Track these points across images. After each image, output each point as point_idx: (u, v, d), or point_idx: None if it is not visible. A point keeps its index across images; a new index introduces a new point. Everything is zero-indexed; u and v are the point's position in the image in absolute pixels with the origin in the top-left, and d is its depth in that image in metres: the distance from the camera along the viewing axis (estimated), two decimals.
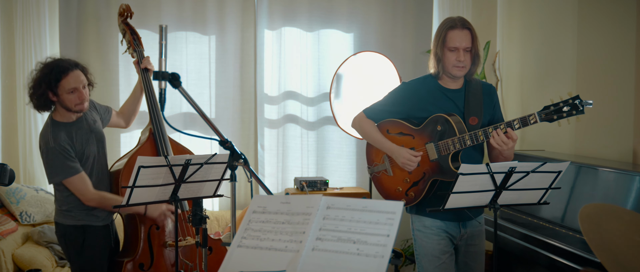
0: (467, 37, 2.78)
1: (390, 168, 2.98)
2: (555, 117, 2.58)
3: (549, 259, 3.29)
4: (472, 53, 2.81)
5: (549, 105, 2.59)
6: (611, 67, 3.92)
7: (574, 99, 2.54)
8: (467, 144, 2.72)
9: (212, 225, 4.57)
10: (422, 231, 2.91)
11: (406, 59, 5.10)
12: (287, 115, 4.98)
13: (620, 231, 1.90)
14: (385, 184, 3.03)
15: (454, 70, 2.81)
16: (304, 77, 4.98)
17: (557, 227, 3.46)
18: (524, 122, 2.62)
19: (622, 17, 3.83)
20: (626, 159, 3.82)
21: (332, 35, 5.02)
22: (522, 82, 4.79)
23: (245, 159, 2.28)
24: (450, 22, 2.81)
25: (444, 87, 2.90)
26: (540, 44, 4.57)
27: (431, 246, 2.88)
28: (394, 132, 2.95)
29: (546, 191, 2.65)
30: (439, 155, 2.81)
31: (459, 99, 2.88)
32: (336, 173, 5.06)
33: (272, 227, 1.86)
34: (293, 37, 4.95)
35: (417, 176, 2.89)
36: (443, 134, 2.79)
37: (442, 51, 2.81)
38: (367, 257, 1.67)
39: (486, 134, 2.68)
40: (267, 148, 4.95)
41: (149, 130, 3.45)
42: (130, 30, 3.54)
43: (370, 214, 1.75)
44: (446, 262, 2.88)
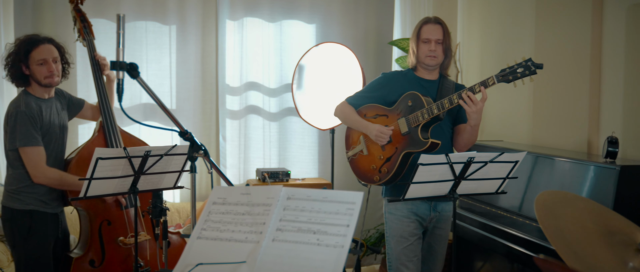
0: (438, 30, 3.08)
1: (366, 147, 3.18)
2: (511, 77, 2.81)
3: (506, 247, 3.36)
4: (443, 46, 3.09)
5: (505, 68, 2.83)
6: (567, 60, 4.00)
7: (527, 61, 2.80)
8: (434, 112, 2.92)
9: (173, 217, 4.53)
10: (393, 214, 3.11)
11: (368, 51, 5.13)
12: (249, 106, 4.95)
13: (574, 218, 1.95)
14: (362, 164, 3.20)
15: (426, 59, 3.08)
16: (266, 68, 4.96)
17: (514, 216, 3.53)
18: (484, 84, 2.85)
19: (578, 12, 3.91)
20: (581, 148, 3.91)
21: (294, 26, 5.01)
22: (481, 74, 4.86)
23: (205, 150, 2.26)
24: (425, 19, 3.15)
25: (419, 78, 3.15)
26: (499, 36, 4.64)
27: (401, 227, 3.08)
28: (371, 116, 3.17)
29: (504, 180, 2.71)
30: (409, 127, 3.00)
31: (432, 88, 3.13)
32: (298, 164, 5.06)
33: (232, 219, 1.85)
34: (255, 27, 4.92)
35: (390, 151, 3.06)
36: (413, 108, 3.00)
37: (417, 44, 3.11)
38: (327, 247, 1.67)
39: (451, 100, 2.88)
40: (229, 139, 4.92)
41: (99, 123, 3.39)
42: (81, 18, 3.47)
43: (330, 205, 1.75)
44: (413, 244, 3.08)
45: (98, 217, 3.25)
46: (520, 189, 3.59)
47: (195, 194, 2.30)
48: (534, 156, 3.58)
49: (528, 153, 3.54)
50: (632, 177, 3.01)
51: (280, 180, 4.64)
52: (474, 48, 4.98)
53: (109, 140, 3.34)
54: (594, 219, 2.01)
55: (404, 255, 3.06)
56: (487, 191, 2.77)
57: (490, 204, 3.80)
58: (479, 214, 3.68)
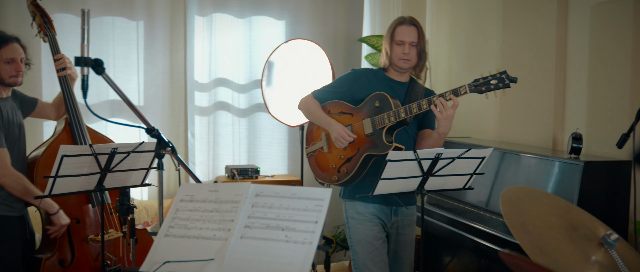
0: (413, 32, 2.94)
1: (327, 144, 3.07)
2: (484, 88, 2.71)
3: (473, 243, 3.40)
4: (418, 49, 2.96)
5: (478, 78, 2.73)
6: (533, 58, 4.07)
7: (501, 74, 2.70)
8: (401, 116, 2.81)
9: (141, 215, 4.48)
10: (356, 218, 2.99)
11: (338, 48, 5.13)
12: (218, 102, 4.92)
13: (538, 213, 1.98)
14: (321, 162, 3.11)
15: (399, 62, 2.95)
16: (235, 64, 4.93)
17: (481, 211, 3.57)
18: (455, 93, 2.74)
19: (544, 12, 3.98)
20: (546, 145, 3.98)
21: (263, 22, 4.99)
22: (450, 70, 4.91)
23: (172, 147, 2.24)
24: (400, 19, 3.00)
25: (390, 78, 3.03)
26: (467, 33, 4.69)
27: (365, 232, 2.96)
28: (335, 112, 3.05)
29: (471, 176, 2.74)
30: (374, 129, 2.89)
31: (402, 90, 3.02)
32: (268, 161, 5.05)
33: (200, 216, 1.84)
34: (224, 23, 4.89)
35: (351, 151, 2.97)
36: (380, 110, 2.89)
37: (390, 45, 2.97)
38: (295, 244, 1.67)
39: (419, 105, 2.76)
40: (198, 136, 4.88)
41: (65, 120, 3.33)
42: (40, 13, 3.40)
43: (299, 201, 1.75)
44: (379, 248, 2.96)
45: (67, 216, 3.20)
46: (487, 184, 3.64)
47: (162, 192, 2.29)
48: (501, 152, 3.63)
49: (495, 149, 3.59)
50: (596, 172, 3.07)
51: (249, 177, 4.62)
52: (442, 46, 5.03)
53: (77, 137, 3.29)
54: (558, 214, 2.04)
55: (370, 260, 2.95)
56: (454, 187, 2.79)
57: (458, 200, 3.85)
58: (447, 210, 3.72)
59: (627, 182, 3.13)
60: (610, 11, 3.49)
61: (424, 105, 2.76)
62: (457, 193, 3.86)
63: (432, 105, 2.74)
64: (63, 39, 4.45)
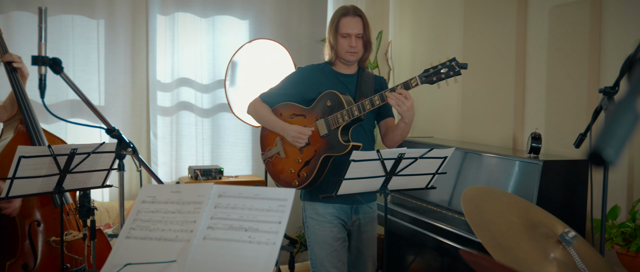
0: (358, 24, 2.88)
1: (282, 150, 3.00)
2: (435, 78, 2.66)
3: (436, 241, 3.44)
4: (364, 40, 2.91)
5: (428, 68, 2.68)
6: (494, 59, 4.13)
7: (451, 61, 2.65)
8: (354, 114, 2.77)
9: (103, 217, 4.41)
10: (315, 219, 2.95)
11: (301, 47, 5.13)
12: (181, 102, 4.87)
13: (499, 212, 2.01)
14: (278, 167, 3.03)
15: (346, 55, 2.90)
16: (198, 64, 4.89)
17: (444, 210, 3.61)
18: (406, 85, 2.70)
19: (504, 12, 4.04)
20: (507, 144, 4.05)
21: (227, 22, 4.96)
22: (412, 71, 4.95)
23: (134, 147, 2.21)
24: (343, 10, 2.92)
25: (337, 72, 2.99)
26: (430, 34, 4.74)
27: (324, 233, 2.92)
28: (287, 115, 2.98)
29: (433, 175, 2.76)
30: (329, 130, 2.84)
31: (351, 83, 2.97)
32: (232, 161, 5.02)
33: (162, 217, 1.81)
34: (187, 22, 4.84)
35: (309, 154, 2.91)
36: (332, 109, 2.84)
37: (335, 38, 2.91)
38: (258, 244, 1.66)
39: (372, 102, 2.72)
40: (160, 136, 4.82)
41: (19, 120, 3.22)
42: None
43: (262, 202, 1.74)
44: (338, 249, 2.92)
45: (27, 220, 3.13)
46: (450, 184, 3.68)
47: (123, 193, 2.25)
48: (463, 152, 3.68)
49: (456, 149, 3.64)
50: (554, 171, 3.14)
51: (213, 177, 4.59)
52: (405, 45, 5.07)
53: (33, 138, 3.21)
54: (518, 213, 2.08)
55: (328, 261, 2.91)
56: (417, 186, 2.81)
57: (421, 199, 3.88)
58: (410, 209, 3.75)
59: (584, 181, 3.20)
60: (568, 13, 3.57)
61: (377, 101, 2.72)
62: (420, 192, 3.90)
63: (390, 101, 2.69)
64: (20, 37, 4.36)
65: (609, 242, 2.86)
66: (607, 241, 2.87)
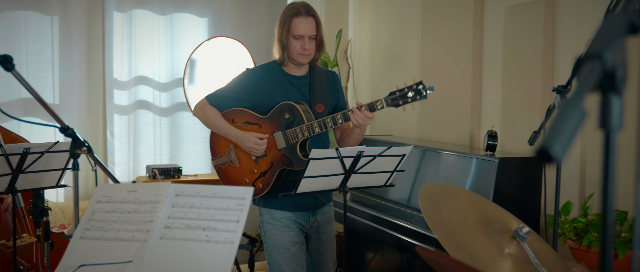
0: (312, 24, 2.76)
1: (236, 159, 2.88)
2: (401, 102, 2.62)
3: (395, 238, 3.47)
4: (317, 40, 2.79)
5: (394, 91, 2.63)
6: (451, 59, 4.19)
7: (417, 85, 2.61)
8: (315, 131, 2.70)
9: (57, 217, 4.31)
10: (272, 224, 2.87)
11: (261, 46, 5.11)
12: (138, 101, 4.80)
13: (455, 209, 2.04)
14: (232, 176, 2.92)
15: (299, 57, 2.78)
16: (156, 62, 4.82)
17: (403, 207, 3.65)
18: (371, 107, 2.65)
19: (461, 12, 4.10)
20: (464, 142, 4.11)
21: (185, 20, 4.91)
22: (372, 69, 4.98)
23: (89, 146, 2.17)
24: (294, 9, 2.77)
25: (289, 74, 2.86)
26: (389, 33, 4.78)
27: (281, 238, 2.84)
28: (240, 122, 2.85)
29: (392, 173, 2.79)
30: (287, 144, 2.76)
31: (304, 86, 2.87)
32: (191, 160, 4.97)
33: (117, 217, 1.78)
34: (144, 20, 4.77)
35: (265, 166, 2.82)
36: (291, 122, 2.76)
37: (287, 39, 2.76)
38: (216, 243, 1.65)
39: (334, 120, 2.67)
40: (117, 135, 4.74)
41: None
42: None
43: (220, 201, 1.73)
44: (296, 253, 2.86)
45: None
46: (409, 181, 3.72)
47: (77, 193, 2.21)
48: (421, 150, 3.72)
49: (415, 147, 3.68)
50: (510, 168, 3.20)
51: (171, 176, 4.54)
52: (364, 44, 5.10)
53: None
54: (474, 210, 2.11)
55: (287, 266, 2.83)
56: (376, 184, 2.83)
57: (381, 197, 3.91)
58: (370, 207, 3.78)
59: (539, 178, 3.28)
60: (523, 13, 3.64)
61: (340, 120, 2.66)
62: (379, 190, 3.93)
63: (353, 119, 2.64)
64: None
65: (562, 237, 2.93)
66: (560, 236, 2.94)
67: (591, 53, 0.80)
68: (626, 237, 2.75)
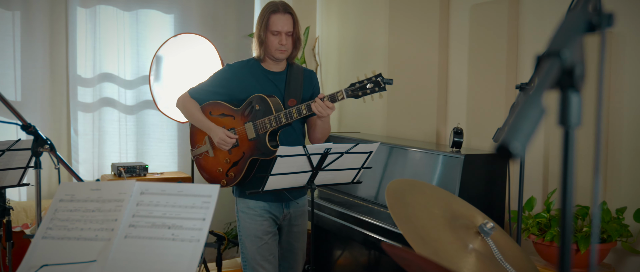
0: (289, 21, 2.87)
1: (211, 149, 3.02)
2: (360, 93, 2.70)
3: (363, 235, 3.49)
4: (293, 37, 2.91)
5: (354, 83, 2.72)
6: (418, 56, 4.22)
7: (377, 77, 2.68)
8: (282, 121, 2.79)
9: (20, 217, 4.23)
10: (246, 213, 2.96)
11: (228, 42, 5.08)
12: (103, 98, 4.73)
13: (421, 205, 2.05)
14: (207, 166, 3.05)
15: (276, 53, 2.89)
16: (121, 58, 4.75)
17: (371, 204, 3.67)
18: (332, 98, 2.73)
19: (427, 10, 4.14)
20: (431, 139, 4.15)
21: (151, 16, 4.85)
22: (339, 67, 5.00)
23: (51, 144, 2.13)
24: (272, 7, 2.89)
25: (266, 70, 2.97)
26: (356, 30, 4.79)
27: (254, 227, 2.94)
28: (216, 114, 2.98)
29: (359, 170, 2.80)
30: (256, 134, 2.86)
31: (280, 81, 2.97)
32: (157, 158, 4.92)
33: (81, 216, 1.76)
34: (109, 16, 4.70)
35: (237, 156, 2.93)
36: (261, 113, 2.84)
37: (265, 35, 2.89)
38: (182, 242, 1.64)
39: (299, 111, 2.76)
40: (82, 133, 4.67)
41: None
42: None
43: (186, 198, 1.72)
44: (268, 242, 2.95)
45: None
46: (376, 178, 3.74)
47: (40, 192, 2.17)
48: (389, 147, 3.74)
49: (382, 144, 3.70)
50: (475, 165, 3.24)
51: (137, 174, 4.48)
52: (332, 41, 5.10)
53: None
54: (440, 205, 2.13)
55: (259, 254, 2.93)
56: (343, 181, 2.84)
57: (349, 194, 3.93)
58: (338, 204, 3.79)
59: (503, 174, 3.33)
60: (487, 12, 3.69)
61: (304, 111, 2.76)
62: (347, 187, 3.94)
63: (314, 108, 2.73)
64: None
65: (526, 232, 2.98)
66: (524, 231, 2.99)
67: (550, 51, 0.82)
68: (587, 231, 2.81)
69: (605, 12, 0.89)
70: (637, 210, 2.82)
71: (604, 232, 2.79)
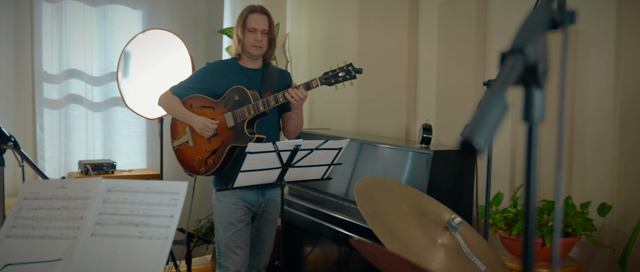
0: (265, 21, 3.12)
1: (191, 139, 3.19)
2: (333, 81, 2.93)
3: (333, 231, 3.50)
4: (268, 37, 3.14)
5: (327, 72, 2.95)
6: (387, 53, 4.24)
7: (348, 66, 2.92)
8: (260, 109, 2.98)
9: None
10: (222, 201, 3.12)
11: (198, 39, 5.04)
12: (70, 95, 4.65)
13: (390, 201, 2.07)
14: (187, 155, 3.21)
15: (252, 49, 3.10)
16: (88, 54, 4.68)
17: (341, 200, 3.68)
18: (307, 86, 2.95)
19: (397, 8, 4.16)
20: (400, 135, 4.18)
21: (119, 11, 4.78)
22: (310, 63, 4.99)
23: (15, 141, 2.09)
24: (251, 7, 3.16)
25: (244, 67, 3.18)
26: (326, 27, 4.79)
27: (229, 214, 3.10)
28: (197, 106, 3.16)
29: (329, 166, 2.81)
30: (235, 122, 3.04)
31: (257, 77, 3.17)
32: (125, 155, 4.86)
33: (46, 214, 1.73)
34: (75, 11, 4.62)
35: (216, 144, 3.09)
36: (240, 103, 3.03)
37: (242, 32, 3.12)
38: (150, 239, 1.63)
39: (276, 98, 2.94)
40: (48, 130, 4.58)
41: None
42: None
43: (154, 196, 1.70)
44: (242, 230, 3.12)
45: None
46: (346, 174, 3.75)
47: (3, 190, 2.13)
48: (359, 143, 3.75)
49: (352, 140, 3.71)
50: (443, 160, 3.27)
51: (105, 172, 4.43)
52: (302, 38, 5.10)
53: None
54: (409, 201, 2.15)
55: (231, 241, 3.09)
56: (313, 177, 2.85)
57: (319, 190, 3.93)
58: (308, 200, 3.80)
59: (472, 170, 3.37)
60: (456, 8, 3.72)
61: (281, 99, 2.95)
62: (318, 184, 3.95)
63: (287, 94, 2.94)
64: None
65: (493, 226, 3.02)
66: (491, 226, 3.03)
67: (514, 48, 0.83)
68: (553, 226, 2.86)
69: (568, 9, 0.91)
70: (601, 205, 2.88)
71: (569, 227, 2.84)
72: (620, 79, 2.91)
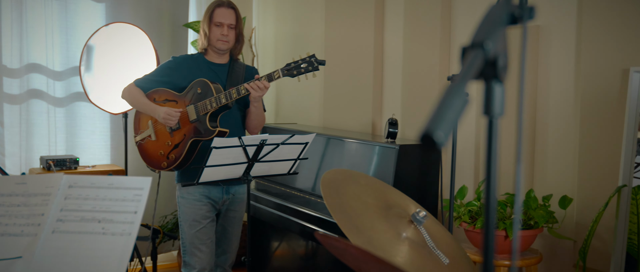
0: (231, 15, 3.07)
1: (154, 132, 3.15)
2: (295, 72, 2.89)
3: (300, 226, 3.50)
4: (236, 31, 3.10)
5: (290, 63, 2.91)
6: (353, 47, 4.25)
7: (311, 57, 2.89)
8: (222, 101, 2.93)
9: None
10: (186, 198, 3.08)
11: (163, 33, 4.98)
12: (31, 90, 4.55)
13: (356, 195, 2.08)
14: (150, 150, 3.17)
15: (218, 43, 3.06)
16: (49, 48, 4.59)
17: (308, 195, 3.68)
18: (269, 78, 2.92)
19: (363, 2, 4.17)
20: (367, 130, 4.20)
21: (81, 4, 4.69)
22: (276, 57, 4.98)
23: None
24: (218, 2, 3.10)
25: (209, 62, 3.13)
26: (293, 22, 4.79)
27: (193, 211, 3.06)
28: (160, 100, 3.12)
29: (295, 161, 2.81)
30: (198, 115, 2.99)
31: (222, 72, 3.13)
32: (89, 150, 4.78)
33: (5, 211, 1.69)
34: (36, 3, 4.52)
35: (179, 138, 3.05)
36: (202, 96, 2.98)
37: (209, 27, 3.07)
38: (113, 235, 1.61)
39: (238, 91, 2.90)
40: (8, 125, 4.49)
41: None
42: None
43: (117, 191, 1.68)
44: (206, 227, 3.09)
45: None
46: (313, 169, 3.76)
47: None
48: (326, 138, 3.76)
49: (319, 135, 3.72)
50: (409, 155, 3.30)
51: (67, 168, 4.35)
52: (269, 32, 5.08)
53: None
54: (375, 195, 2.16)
55: (196, 238, 3.06)
56: (279, 172, 2.85)
57: (286, 185, 3.93)
58: (275, 195, 3.79)
59: (437, 163, 3.40)
60: (421, 4, 3.75)
61: (242, 91, 2.91)
62: (285, 178, 3.95)
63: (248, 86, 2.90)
64: None
65: (458, 220, 3.06)
66: (455, 219, 3.07)
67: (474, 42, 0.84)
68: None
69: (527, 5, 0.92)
70: (563, 197, 2.94)
71: (531, 219, 2.89)
72: (581, 73, 2.97)
